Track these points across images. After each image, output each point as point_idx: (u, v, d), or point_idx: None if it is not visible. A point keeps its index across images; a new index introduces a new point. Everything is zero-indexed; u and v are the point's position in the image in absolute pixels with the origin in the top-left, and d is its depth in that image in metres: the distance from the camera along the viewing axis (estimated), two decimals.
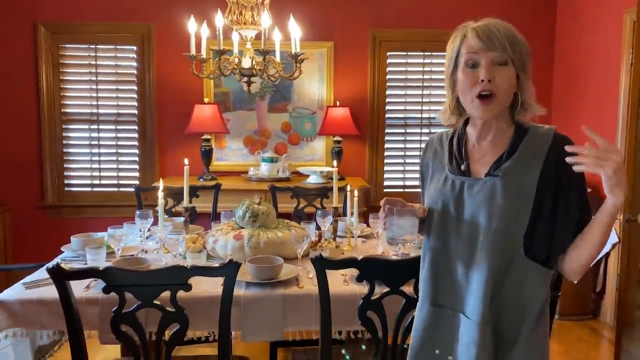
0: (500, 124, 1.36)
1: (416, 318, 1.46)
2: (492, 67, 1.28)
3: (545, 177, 1.30)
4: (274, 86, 4.30)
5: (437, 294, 1.40)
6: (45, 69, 4.26)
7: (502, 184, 1.30)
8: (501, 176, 1.31)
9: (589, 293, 3.82)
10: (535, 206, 1.28)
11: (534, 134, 1.34)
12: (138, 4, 4.29)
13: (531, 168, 1.30)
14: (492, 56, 1.28)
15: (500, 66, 1.28)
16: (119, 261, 2.16)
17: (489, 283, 1.29)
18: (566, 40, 4.43)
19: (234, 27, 2.78)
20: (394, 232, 1.39)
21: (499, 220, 1.29)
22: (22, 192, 4.34)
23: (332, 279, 2.04)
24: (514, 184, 1.30)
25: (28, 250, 4.30)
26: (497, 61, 1.28)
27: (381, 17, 4.45)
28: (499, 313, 1.32)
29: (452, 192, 1.37)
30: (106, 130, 4.40)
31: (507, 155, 1.33)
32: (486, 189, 1.32)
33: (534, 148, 1.32)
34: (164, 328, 1.72)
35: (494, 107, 1.30)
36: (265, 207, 2.47)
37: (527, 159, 1.31)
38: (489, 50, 1.27)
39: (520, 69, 1.31)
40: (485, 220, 1.30)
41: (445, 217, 1.37)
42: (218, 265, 1.72)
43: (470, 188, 1.34)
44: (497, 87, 1.28)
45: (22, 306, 1.93)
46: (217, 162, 4.42)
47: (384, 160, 4.58)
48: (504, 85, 1.29)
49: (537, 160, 1.30)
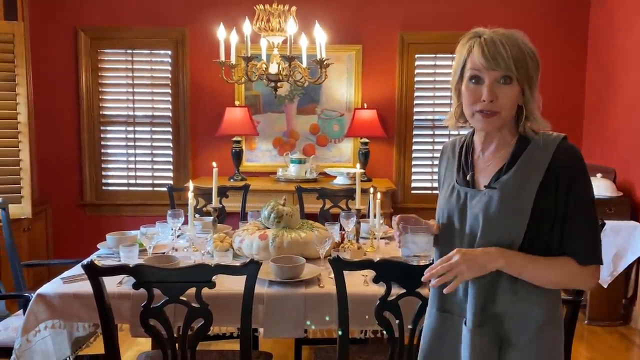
0: (503, 134, 1.36)
1: (425, 323, 1.49)
2: (495, 86, 1.28)
3: (545, 190, 1.28)
4: (303, 89, 4.37)
5: (443, 300, 1.42)
6: (85, 73, 4.46)
7: (498, 197, 1.30)
8: (498, 189, 1.31)
9: (620, 299, 3.76)
10: (532, 220, 1.27)
11: (537, 144, 1.32)
12: (172, 9, 4.44)
13: (530, 181, 1.29)
14: (496, 75, 1.28)
15: (504, 85, 1.28)
16: (150, 258, 2.26)
17: (480, 292, 1.31)
18: (599, 41, 4.36)
19: (262, 34, 2.87)
20: (409, 249, 1.39)
21: (492, 232, 1.30)
22: (63, 190, 4.55)
23: (354, 279, 2.10)
24: (511, 197, 1.29)
25: (68, 246, 4.51)
26: (500, 80, 1.28)
27: (409, 20, 4.47)
28: (499, 321, 1.33)
29: (457, 203, 1.39)
30: (142, 131, 4.57)
31: (507, 167, 1.33)
32: (483, 200, 1.33)
33: (535, 159, 1.30)
34: (190, 323, 1.81)
35: (496, 121, 1.31)
36: (289, 208, 2.55)
37: (527, 172, 1.30)
38: (493, 69, 1.27)
39: (525, 84, 1.29)
40: (480, 232, 1.31)
41: (451, 227, 1.39)
42: (240, 264, 1.80)
43: (472, 199, 1.36)
44: (499, 106, 1.29)
45: (61, 300, 2.05)
46: (247, 163, 4.54)
47: (412, 162, 4.60)
48: (507, 104, 1.29)
49: (537, 173, 1.28)
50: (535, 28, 4.46)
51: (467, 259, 1.26)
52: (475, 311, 1.32)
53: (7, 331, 2.42)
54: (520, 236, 1.28)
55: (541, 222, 1.28)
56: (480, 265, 1.26)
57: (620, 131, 4.05)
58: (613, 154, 4.11)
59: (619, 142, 4.06)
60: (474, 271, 1.27)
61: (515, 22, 4.35)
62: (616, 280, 3.65)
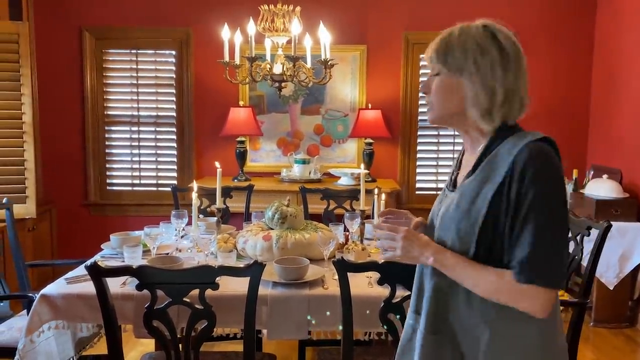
0: (471, 133, 1.30)
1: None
2: (430, 79, 1.29)
3: (500, 196, 1.17)
4: (307, 89, 4.36)
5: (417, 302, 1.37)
6: (90, 73, 4.46)
7: (457, 201, 1.25)
8: (457, 192, 1.27)
9: (626, 300, 3.73)
10: (486, 228, 1.18)
11: (504, 146, 1.22)
12: (177, 10, 4.44)
13: (487, 186, 1.20)
14: (430, 68, 1.30)
15: (433, 77, 1.28)
16: (154, 259, 2.26)
17: (435, 295, 1.28)
18: (605, 41, 4.33)
19: (266, 34, 2.86)
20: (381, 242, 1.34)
21: (446, 234, 1.26)
22: (67, 190, 4.56)
23: (358, 281, 2.09)
24: (466, 201, 1.22)
25: (72, 246, 4.51)
26: (432, 73, 1.29)
27: (414, 20, 4.45)
28: (453, 333, 1.26)
29: (438, 204, 1.38)
30: (146, 131, 4.57)
31: (472, 170, 1.27)
32: (446, 203, 1.30)
33: (498, 163, 1.20)
34: (193, 324, 1.80)
35: (431, 115, 1.30)
36: (293, 209, 2.54)
37: (487, 176, 1.21)
38: (429, 62, 1.30)
39: (458, 77, 1.23)
40: (436, 233, 1.30)
41: (431, 227, 1.36)
42: (244, 265, 1.79)
43: (445, 200, 1.33)
44: (432, 99, 1.29)
45: (64, 300, 2.05)
46: (251, 163, 4.53)
47: (416, 162, 4.59)
48: (436, 97, 1.27)
49: (496, 178, 1.19)
50: (541, 29, 4.44)
51: (406, 241, 1.26)
52: (427, 314, 1.28)
53: (10, 331, 2.42)
54: (471, 242, 1.20)
55: (495, 230, 1.18)
56: (413, 252, 1.26)
57: (626, 132, 4.02)
58: (619, 154, 4.09)
59: (625, 143, 4.03)
60: (407, 256, 1.27)
61: (521, 22, 4.37)
62: (622, 282, 3.62)
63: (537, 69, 4.42)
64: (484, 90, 1.22)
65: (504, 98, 1.23)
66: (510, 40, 1.25)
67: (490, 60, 1.22)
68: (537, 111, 4.23)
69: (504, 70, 1.22)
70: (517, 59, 1.24)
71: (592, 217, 3.23)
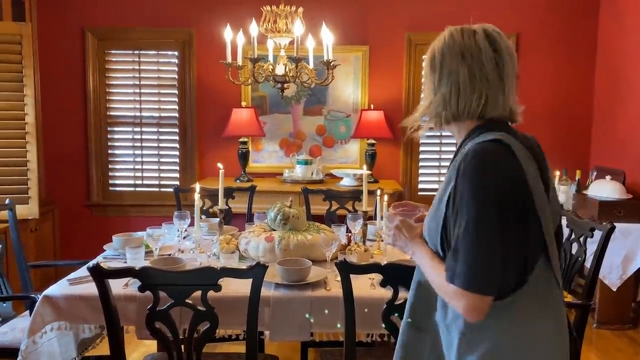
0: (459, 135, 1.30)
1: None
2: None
3: (451, 198, 1.17)
4: (310, 90, 4.36)
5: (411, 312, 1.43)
6: (92, 74, 4.47)
7: (433, 202, 1.28)
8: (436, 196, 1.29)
9: (629, 302, 3.72)
10: (444, 228, 1.20)
11: (465, 147, 1.21)
12: (179, 10, 4.44)
13: (448, 187, 1.20)
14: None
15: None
16: (156, 260, 2.26)
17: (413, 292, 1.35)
18: (609, 43, 4.32)
19: (269, 35, 2.86)
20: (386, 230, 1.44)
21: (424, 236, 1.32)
22: (70, 191, 4.56)
23: (360, 282, 2.08)
24: (436, 203, 1.25)
25: (75, 247, 4.52)
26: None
27: (416, 21, 4.45)
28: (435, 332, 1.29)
29: None
30: (148, 132, 4.57)
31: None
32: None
33: (455, 164, 1.20)
34: (196, 326, 1.80)
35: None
36: (295, 210, 2.54)
37: (449, 177, 1.21)
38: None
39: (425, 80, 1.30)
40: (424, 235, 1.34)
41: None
42: (246, 267, 1.79)
43: None
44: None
45: (67, 301, 2.05)
46: (254, 164, 4.53)
47: (419, 163, 4.58)
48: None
49: (452, 182, 1.18)
50: (544, 30, 4.43)
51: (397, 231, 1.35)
52: (408, 305, 1.35)
53: (13, 332, 2.42)
54: (437, 241, 1.23)
55: (453, 230, 1.17)
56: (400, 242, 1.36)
57: (629, 133, 4.01)
58: (622, 156, 4.07)
59: (628, 144, 4.02)
60: (396, 245, 1.37)
61: (523, 24, 4.37)
62: (625, 284, 3.61)
63: (539, 70, 4.41)
64: (429, 94, 1.27)
65: (442, 99, 1.24)
66: (452, 36, 1.25)
67: (429, 60, 1.27)
68: (540, 112, 4.25)
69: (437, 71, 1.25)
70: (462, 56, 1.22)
71: (595, 219, 3.22)
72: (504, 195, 1.11)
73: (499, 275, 1.12)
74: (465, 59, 1.20)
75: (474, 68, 1.19)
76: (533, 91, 4.38)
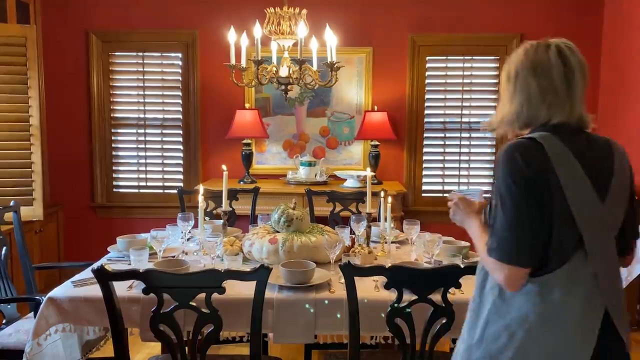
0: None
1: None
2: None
3: (493, 186, 1.41)
4: (313, 91, 4.36)
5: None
6: (96, 76, 4.48)
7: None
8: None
9: (634, 304, 3.70)
10: (490, 211, 1.41)
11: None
12: (183, 12, 4.45)
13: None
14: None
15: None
16: (160, 262, 2.26)
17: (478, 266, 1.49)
18: (613, 41, 4.31)
19: (272, 37, 2.86)
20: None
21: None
22: (74, 192, 4.57)
23: (364, 284, 2.09)
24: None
25: (79, 248, 4.53)
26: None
27: (420, 22, 4.44)
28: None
29: None
30: (152, 134, 4.58)
31: None
32: None
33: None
34: (200, 328, 1.80)
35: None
36: (299, 212, 2.54)
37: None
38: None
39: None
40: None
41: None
42: (250, 270, 1.79)
43: None
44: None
45: (71, 303, 2.05)
46: (257, 165, 4.53)
47: (423, 164, 4.57)
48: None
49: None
50: (547, 28, 4.40)
51: (455, 207, 1.55)
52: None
53: (18, 334, 2.43)
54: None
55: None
56: (457, 217, 1.55)
57: (635, 132, 3.99)
58: (628, 155, 4.05)
59: (633, 143, 4.00)
60: (454, 219, 1.56)
61: (526, 23, 4.36)
62: (630, 286, 3.57)
63: None
64: (500, 104, 1.47)
65: (515, 108, 1.42)
66: (517, 56, 1.42)
67: (506, 73, 1.44)
68: None
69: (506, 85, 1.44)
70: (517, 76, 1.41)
71: None
72: (528, 182, 1.29)
73: (528, 250, 1.30)
74: (537, 74, 1.37)
75: (544, 82, 1.36)
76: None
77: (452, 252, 2.45)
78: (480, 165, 4.60)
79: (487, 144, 4.56)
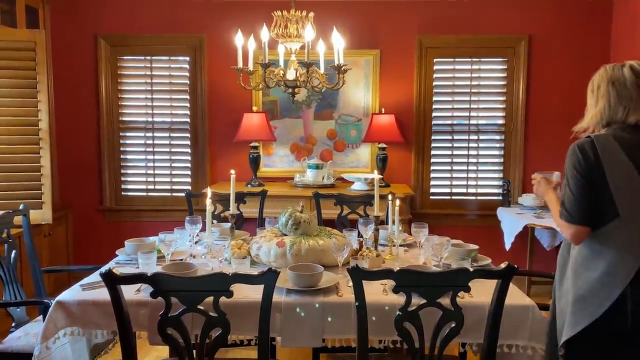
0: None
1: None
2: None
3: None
4: (321, 94, 4.36)
5: None
6: (105, 80, 4.50)
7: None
8: None
9: None
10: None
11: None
12: (190, 16, 4.47)
13: None
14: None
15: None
16: (168, 266, 2.26)
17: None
18: (622, 41, 4.27)
19: (280, 40, 2.86)
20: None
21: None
22: (83, 196, 4.60)
23: (372, 288, 2.07)
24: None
25: (88, 252, 4.55)
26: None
27: (428, 24, 4.43)
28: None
29: None
30: (160, 137, 4.60)
31: None
32: None
33: None
34: (208, 332, 1.80)
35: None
36: (307, 215, 2.53)
37: None
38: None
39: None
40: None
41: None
42: (258, 273, 1.78)
43: None
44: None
45: (79, 307, 2.06)
46: (265, 168, 4.53)
47: (430, 167, 4.55)
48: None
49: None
50: (555, 31, 4.40)
51: (537, 183, 2.07)
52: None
53: (27, 337, 2.44)
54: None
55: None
56: (539, 192, 2.06)
57: None
58: None
59: None
60: (536, 193, 2.09)
61: (535, 25, 4.33)
62: None
63: (551, 74, 4.37)
64: (588, 107, 1.95)
65: (599, 112, 1.88)
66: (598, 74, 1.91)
67: (591, 86, 1.95)
68: (551, 116, 4.20)
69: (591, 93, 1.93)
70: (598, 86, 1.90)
71: None
72: (583, 169, 1.79)
73: (584, 214, 1.79)
74: (614, 85, 1.83)
75: (620, 91, 1.82)
76: (545, 95, 4.34)
77: (460, 255, 2.43)
78: (489, 167, 4.58)
79: (496, 146, 4.54)
